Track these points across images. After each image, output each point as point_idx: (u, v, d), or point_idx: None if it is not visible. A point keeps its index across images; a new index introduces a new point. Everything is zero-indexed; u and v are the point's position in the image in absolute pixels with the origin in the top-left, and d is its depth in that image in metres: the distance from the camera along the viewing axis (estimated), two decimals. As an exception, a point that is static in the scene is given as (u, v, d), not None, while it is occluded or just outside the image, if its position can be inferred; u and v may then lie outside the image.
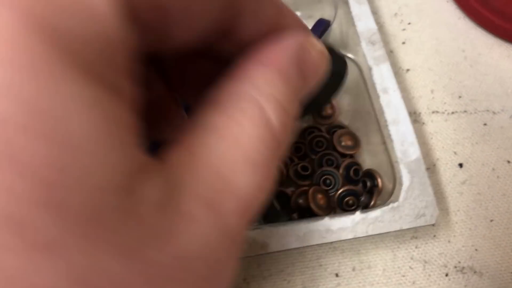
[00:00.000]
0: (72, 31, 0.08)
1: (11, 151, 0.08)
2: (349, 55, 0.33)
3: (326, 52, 0.17)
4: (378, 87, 0.31)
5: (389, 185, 0.32)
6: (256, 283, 0.32)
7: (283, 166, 0.33)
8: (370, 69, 0.32)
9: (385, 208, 0.28)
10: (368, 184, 0.32)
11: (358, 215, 0.28)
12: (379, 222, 0.28)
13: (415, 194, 0.29)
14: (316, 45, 0.16)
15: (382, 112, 0.31)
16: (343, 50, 0.33)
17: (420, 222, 0.28)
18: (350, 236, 0.28)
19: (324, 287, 0.32)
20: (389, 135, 0.30)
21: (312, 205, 0.31)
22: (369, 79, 0.32)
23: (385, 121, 0.31)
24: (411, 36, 0.39)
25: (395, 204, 0.28)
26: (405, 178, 0.29)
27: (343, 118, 0.36)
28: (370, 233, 0.28)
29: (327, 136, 0.34)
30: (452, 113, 0.36)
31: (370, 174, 0.32)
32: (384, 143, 0.31)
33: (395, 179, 0.30)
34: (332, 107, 0.35)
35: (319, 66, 0.16)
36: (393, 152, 0.30)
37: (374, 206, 0.31)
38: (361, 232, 0.28)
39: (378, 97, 0.31)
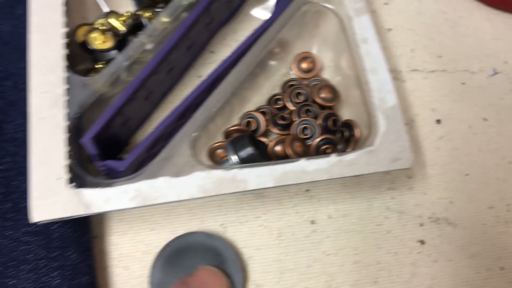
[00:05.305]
0: None
1: None
2: (330, 6, 0.33)
3: None
4: (358, 37, 0.32)
5: (367, 136, 0.32)
6: (233, 228, 0.32)
7: (262, 117, 0.33)
8: (350, 19, 0.32)
9: (361, 152, 0.29)
10: (346, 134, 0.32)
11: (334, 157, 0.28)
12: (354, 164, 0.28)
13: (391, 140, 0.29)
14: None
15: (362, 62, 0.31)
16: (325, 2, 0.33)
17: (396, 165, 0.29)
18: (325, 177, 0.28)
19: (300, 233, 0.32)
20: (367, 83, 0.31)
21: (289, 151, 0.31)
22: (350, 30, 0.32)
23: (364, 70, 0.31)
24: (394, -3, 0.39)
25: (371, 148, 0.29)
26: (382, 124, 0.30)
27: (325, 73, 0.36)
28: (345, 175, 0.28)
29: (307, 89, 0.34)
30: (432, 71, 0.37)
31: (348, 124, 0.32)
32: (363, 94, 0.31)
33: (372, 126, 0.30)
34: (313, 61, 0.36)
35: None
36: (371, 100, 0.30)
37: (351, 154, 0.31)
38: (336, 173, 0.28)
39: (357, 46, 0.31)
